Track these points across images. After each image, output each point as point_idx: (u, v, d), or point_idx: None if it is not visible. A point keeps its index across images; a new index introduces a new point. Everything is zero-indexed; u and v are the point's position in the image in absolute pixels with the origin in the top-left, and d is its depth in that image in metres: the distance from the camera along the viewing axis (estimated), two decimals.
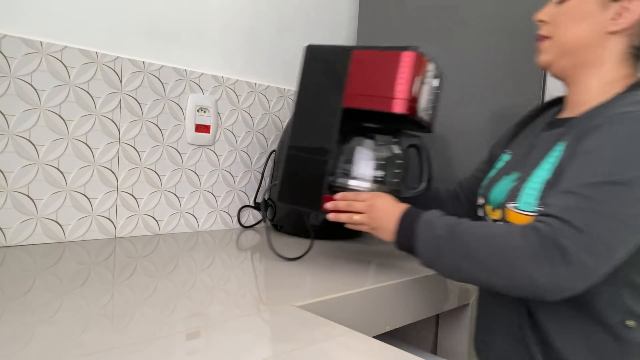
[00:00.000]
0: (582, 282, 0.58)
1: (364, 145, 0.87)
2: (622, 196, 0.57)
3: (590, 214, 0.57)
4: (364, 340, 0.56)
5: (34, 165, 0.94)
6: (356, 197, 0.81)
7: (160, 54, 1.13)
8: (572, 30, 0.73)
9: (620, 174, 0.58)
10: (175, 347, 0.50)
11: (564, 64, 0.76)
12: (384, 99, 0.78)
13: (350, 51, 0.85)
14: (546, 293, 0.59)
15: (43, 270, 0.76)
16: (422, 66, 0.80)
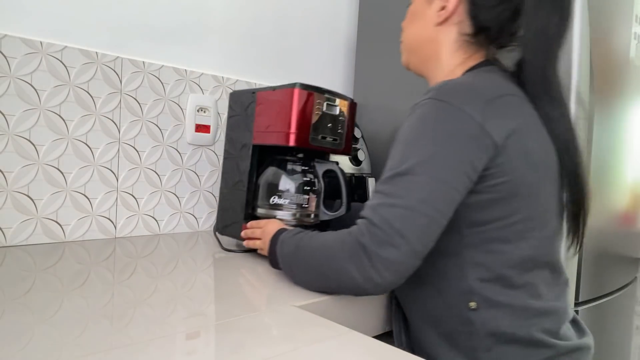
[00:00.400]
0: (392, 274, 0.60)
1: (278, 176, 0.95)
2: (407, 185, 0.61)
3: (384, 208, 0.61)
4: (364, 340, 0.56)
5: (34, 165, 0.94)
6: (257, 225, 0.89)
7: (160, 54, 1.13)
8: (411, 31, 0.81)
9: (404, 164, 0.62)
10: (175, 347, 0.50)
11: (415, 61, 0.82)
12: (280, 133, 0.89)
13: (255, 93, 0.97)
14: (368, 290, 0.63)
15: (43, 270, 0.76)
16: (310, 100, 0.89)
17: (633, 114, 1.32)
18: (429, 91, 0.66)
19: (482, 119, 0.62)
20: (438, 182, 0.60)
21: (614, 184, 1.25)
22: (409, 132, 0.64)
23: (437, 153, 0.61)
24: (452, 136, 0.61)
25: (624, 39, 1.26)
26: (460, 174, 0.61)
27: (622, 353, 1.41)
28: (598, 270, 1.20)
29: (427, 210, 0.60)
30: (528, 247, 0.67)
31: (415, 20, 0.79)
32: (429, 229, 0.61)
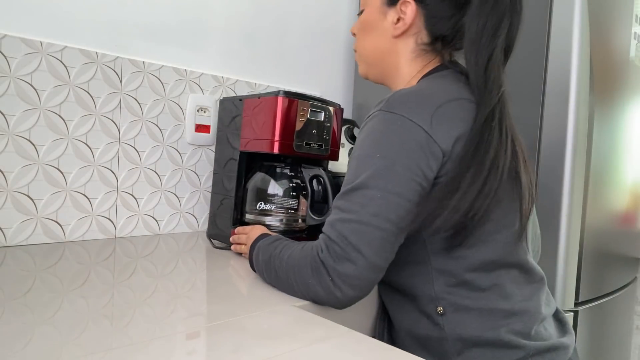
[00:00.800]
0: (352, 289, 0.61)
1: (266, 181, 0.97)
2: (361, 199, 0.61)
3: (340, 223, 0.62)
4: (364, 340, 0.56)
5: (34, 165, 0.94)
6: (243, 231, 0.90)
7: (160, 54, 1.13)
8: (367, 43, 0.79)
9: (357, 179, 0.62)
10: (175, 347, 0.50)
11: (374, 73, 0.81)
12: (265, 141, 0.91)
13: (242, 100, 0.98)
14: (332, 305, 0.64)
15: (43, 270, 0.76)
16: (294, 107, 0.90)
17: (633, 114, 1.32)
18: (380, 102, 0.67)
19: (429, 127, 0.63)
20: (390, 195, 0.61)
21: (614, 184, 1.25)
22: (361, 146, 0.65)
23: (386, 166, 0.61)
24: (401, 147, 0.62)
25: (624, 39, 1.26)
26: (411, 183, 0.62)
27: (622, 353, 1.41)
28: (598, 270, 1.20)
29: (381, 224, 0.61)
30: (491, 250, 0.67)
31: (370, 31, 0.78)
32: (384, 241, 0.61)
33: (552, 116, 1.07)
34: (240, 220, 0.98)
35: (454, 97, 0.67)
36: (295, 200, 0.96)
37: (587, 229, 1.10)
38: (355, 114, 1.56)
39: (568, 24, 1.05)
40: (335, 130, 0.98)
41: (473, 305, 0.67)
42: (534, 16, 1.09)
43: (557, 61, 1.06)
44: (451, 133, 0.64)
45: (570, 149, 1.04)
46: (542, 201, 1.07)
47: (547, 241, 1.06)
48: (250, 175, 0.99)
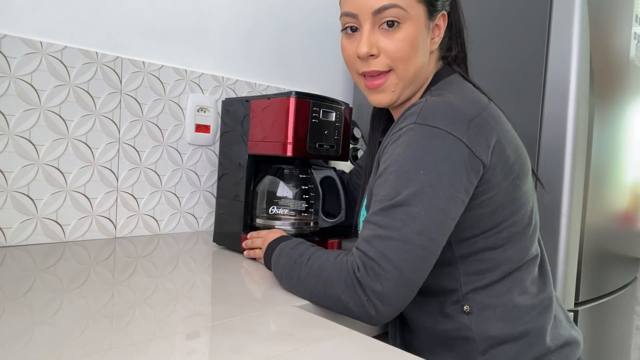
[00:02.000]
0: (389, 307, 0.60)
1: (275, 184, 0.95)
2: (403, 217, 0.59)
3: (379, 240, 0.60)
4: (364, 340, 0.56)
5: (34, 165, 0.94)
6: (258, 235, 0.88)
7: (160, 54, 1.13)
8: (415, 61, 0.70)
9: (399, 196, 0.60)
10: (175, 347, 0.50)
11: (405, 95, 0.74)
12: (277, 144, 0.88)
13: (249, 101, 0.95)
14: (363, 319, 0.62)
15: (43, 270, 0.76)
16: (306, 108, 0.88)
17: (633, 114, 1.32)
18: (411, 115, 0.64)
19: (469, 140, 0.62)
20: (433, 212, 0.60)
21: (614, 184, 1.25)
22: (400, 161, 0.62)
23: (431, 182, 0.60)
24: (444, 163, 0.60)
25: (624, 39, 1.26)
26: (455, 200, 0.61)
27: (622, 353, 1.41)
28: (598, 270, 1.20)
29: (424, 243, 0.59)
30: (516, 249, 0.69)
31: (417, 49, 0.70)
32: (425, 260, 0.60)
33: (552, 116, 1.07)
34: (251, 225, 0.96)
35: (481, 106, 0.67)
36: (306, 202, 0.94)
37: (587, 229, 1.10)
38: (355, 114, 1.55)
39: (568, 24, 1.05)
40: (345, 130, 0.97)
41: (498, 303, 0.67)
42: (534, 16, 1.09)
43: (557, 61, 1.06)
44: (488, 143, 0.64)
45: (570, 149, 1.04)
46: (542, 201, 1.07)
47: (547, 241, 1.06)
48: (258, 178, 0.97)
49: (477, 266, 0.68)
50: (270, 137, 0.90)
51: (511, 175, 0.67)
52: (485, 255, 0.68)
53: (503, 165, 0.66)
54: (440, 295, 0.70)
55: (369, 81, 0.74)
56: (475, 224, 0.67)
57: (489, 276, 0.68)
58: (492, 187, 0.65)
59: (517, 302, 0.68)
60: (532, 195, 0.73)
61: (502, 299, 0.68)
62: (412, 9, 0.68)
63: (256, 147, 0.93)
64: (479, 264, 0.68)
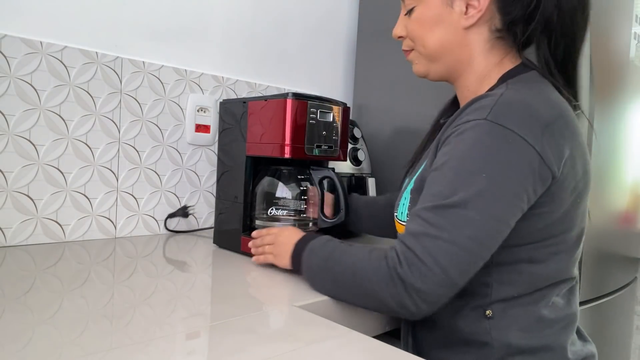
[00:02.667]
0: (429, 305, 0.59)
1: (274, 185, 0.94)
2: (456, 219, 0.57)
3: (427, 239, 0.58)
4: (364, 340, 0.56)
5: (34, 165, 0.94)
6: (268, 232, 0.85)
7: (160, 54, 1.13)
8: (432, 39, 0.71)
9: (455, 195, 0.58)
10: (175, 347, 0.50)
11: (437, 70, 0.74)
12: (275, 145, 0.87)
13: (246, 103, 0.94)
14: (401, 314, 0.61)
15: (43, 270, 0.76)
16: (303, 109, 0.87)
17: (633, 114, 1.32)
18: (482, 109, 0.60)
19: (541, 148, 0.58)
20: (490, 219, 0.57)
21: (614, 184, 1.25)
22: (462, 158, 0.59)
23: (491, 188, 0.57)
24: (509, 168, 0.57)
25: (624, 39, 1.25)
26: (513, 208, 0.58)
27: (622, 353, 1.41)
28: (598, 270, 1.20)
29: (474, 248, 0.57)
30: (555, 266, 0.66)
31: (434, 26, 0.70)
32: (472, 265, 0.59)
33: None
34: (250, 226, 0.95)
35: (560, 111, 0.63)
36: (305, 203, 0.94)
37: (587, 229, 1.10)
38: (355, 114, 1.55)
39: None
40: (343, 130, 0.96)
41: (522, 313, 0.65)
42: None
43: None
44: (561, 154, 0.60)
45: None
46: None
47: None
48: (257, 179, 0.96)
49: (511, 276, 0.65)
50: (267, 139, 0.89)
51: (575, 191, 0.64)
52: (523, 267, 0.64)
53: (571, 180, 0.62)
54: (467, 296, 0.66)
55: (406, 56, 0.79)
56: (525, 234, 0.62)
57: (521, 288, 0.65)
58: (555, 201, 0.61)
59: (542, 315, 0.65)
60: (585, 217, 0.69)
61: (526, 310, 0.65)
62: None
63: (254, 149, 0.92)
64: (514, 274, 0.65)
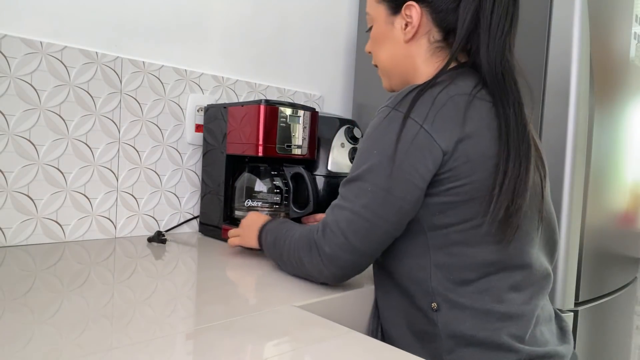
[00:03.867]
0: (337, 268, 0.69)
1: (252, 180, 1.08)
2: (357, 190, 0.66)
3: (336, 210, 0.68)
4: (364, 340, 0.56)
5: (34, 165, 0.94)
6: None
7: (160, 54, 1.13)
8: (383, 54, 0.81)
9: (357, 171, 0.67)
10: (175, 347, 0.51)
11: (395, 83, 0.82)
12: (250, 145, 1.02)
13: (226, 108, 1.09)
14: (319, 280, 0.73)
15: (43, 270, 0.76)
16: (275, 113, 1.01)
17: (633, 114, 1.32)
18: (388, 99, 0.69)
19: (430, 127, 0.63)
20: (379, 190, 0.65)
21: (614, 184, 1.25)
22: (365, 140, 0.69)
23: (381, 162, 0.65)
24: (397, 145, 0.64)
25: (624, 39, 1.26)
26: (405, 182, 0.64)
27: (622, 353, 1.41)
28: (598, 270, 1.20)
29: (369, 216, 0.66)
30: (493, 251, 0.66)
31: (383, 42, 0.79)
32: (370, 231, 0.66)
33: (552, 116, 1.07)
34: (230, 216, 1.08)
35: (459, 92, 0.66)
36: (279, 196, 1.07)
37: (587, 229, 1.10)
38: (355, 114, 1.56)
39: (568, 24, 1.05)
40: (312, 132, 1.09)
41: (468, 304, 0.66)
42: (534, 16, 1.09)
43: (557, 61, 1.06)
44: (454, 131, 0.64)
45: (570, 149, 1.04)
46: None
47: None
48: (237, 175, 1.10)
49: (448, 260, 0.67)
50: (244, 139, 1.03)
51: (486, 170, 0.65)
52: (457, 250, 0.66)
53: (477, 158, 0.64)
54: (413, 289, 0.70)
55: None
56: (445, 211, 0.66)
57: (460, 274, 0.66)
58: (459, 176, 0.64)
59: (491, 308, 0.66)
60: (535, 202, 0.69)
61: (472, 302, 0.66)
62: (374, 11, 0.80)
63: (233, 148, 1.06)
64: (450, 258, 0.66)
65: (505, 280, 0.67)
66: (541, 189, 0.71)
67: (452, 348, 0.66)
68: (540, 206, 0.71)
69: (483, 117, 0.66)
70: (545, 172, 0.73)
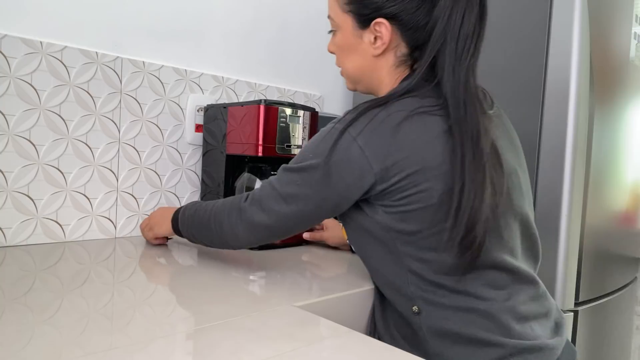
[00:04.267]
0: (250, 236, 0.75)
1: (252, 180, 1.08)
2: (288, 179, 0.72)
3: (268, 187, 0.74)
4: (364, 340, 0.56)
5: (34, 165, 0.94)
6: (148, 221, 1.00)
7: (160, 54, 1.13)
8: (349, 63, 0.80)
9: (296, 164, 0.72)
10: (175, 347, 0.51)
11: (361, 87, 0.83)
12: (250, 145, 1.03)
13: (226, 108, 1.09)
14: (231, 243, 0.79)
15: (43, 270, 0.76)
16: (274, 114, 1.02)
17: (633, 114, 1.32)
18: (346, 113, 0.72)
19: (363, 141, 0.66)
20: (307, 188, 0.70)
21: (614, 184, 1.25)
22: (310, 141, 0.73)
23: (313, 165, 0.69)
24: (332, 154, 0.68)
25: (624, 39, 1.26)
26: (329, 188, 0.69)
27: (622, 353, 1.41)
28: (598, 270, 1.20)
29: (291, 204, 0.71)
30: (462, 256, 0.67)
31: (350, 53, 0.79)
32: (287, 217, 0.72)
33: (552, 116, 1.07)
34: None
35: (407, 109, 0.67)
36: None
37: (587, 229, 1.10)
38: None
39: (568, 24, 1.05)
40: (312, 132, 1.09)
41: (449, 303, 0.67)
42: (534, 16, 1.09)
43: (557, 61, 1.06)
44: (388, 147, 0.65)
45: (570, 149, 1.04)
46: (542, 201, 1.07)
47: (547, 241, 1.06)
48: (237, 174, 1.10)
49: (420, 265, 0.68)
50: (244, 140, 1.04)
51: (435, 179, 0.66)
52: (427, 255, 0.67)
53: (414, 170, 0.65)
54: (393, 292, 0.72)
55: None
56: (407, 218, 0.67)
57: (435, 277, 0.67)
58: (406, 187, 0.66)
59: (472, 306, 0.67)
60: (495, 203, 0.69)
61: (453, 301, 0.67)
62: (339, 19, 0.78)
63: (233, 148, 1.07)
64: (422, 264, 0.68)
65: (481, 279, 0.68)
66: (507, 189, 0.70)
67: (440, 349, 0.68)
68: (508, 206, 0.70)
69: (430, 130, 0.66)
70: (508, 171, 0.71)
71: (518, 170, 0.75)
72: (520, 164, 0.77)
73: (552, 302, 0.77)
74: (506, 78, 1.15)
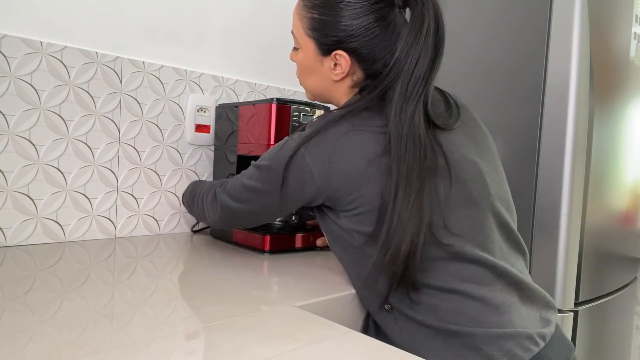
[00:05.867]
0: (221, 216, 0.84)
1: None
2: (251, 173, 0.79)
3: (240, 178, 0.81)
4: (364, 340, 0.56)
5: (34, 165, 0.94)
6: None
7: (160, 54, 1.13)
8: (309, 82, 0.86)
9: (262, 162, 0.78)
10: (175, 347, 0.51)
11: (320, 100, 0.89)
12: (262, 145, 1.00)
13: (237, 107, 1.07)
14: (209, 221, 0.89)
15: (43, 270, 0.76)
16: (287, 112, 0.99)
17: (633, 114, 1.32)
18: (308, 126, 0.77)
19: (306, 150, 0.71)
20: (264, 184, 0.77)
21: (614, 184, 1.25)
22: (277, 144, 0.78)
23: (265, 167, 0.76)
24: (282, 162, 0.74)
25: (624, 39, 1.26)
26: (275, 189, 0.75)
27: (622, 353, 1.41)
28: (598, 270, 1.20)
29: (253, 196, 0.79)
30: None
31: (310, 74, 0.84)
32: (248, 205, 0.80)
33: (552, 116, 1.07)
34: None
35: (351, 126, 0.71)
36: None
37: (587, 229, 1.10)
38: None
39: (568, 24, 1.05)
40: None
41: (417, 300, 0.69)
42: (534, 16, 1.09)
43: (557, 61, 1.06)
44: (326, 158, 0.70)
45: (570, 149, 1.04)
46: (542, 201, 1.07)
47: (547, 241, 1.06)
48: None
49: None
50: (256, 140, 1.02)
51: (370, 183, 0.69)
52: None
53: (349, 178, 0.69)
54: (367, 292, 0.75)
55: None
56: (363, 220, 0.70)
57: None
58: (349, 192, 0.70)
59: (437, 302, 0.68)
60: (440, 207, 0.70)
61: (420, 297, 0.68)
62: (302, 40, 0.85)
63: (244, 149, 1.05)
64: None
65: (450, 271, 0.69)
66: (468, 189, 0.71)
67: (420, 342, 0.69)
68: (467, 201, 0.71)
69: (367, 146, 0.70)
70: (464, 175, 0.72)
71: (480, 163, 0.74)
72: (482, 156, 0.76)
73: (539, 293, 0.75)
74: (506, 78, 1.15)
